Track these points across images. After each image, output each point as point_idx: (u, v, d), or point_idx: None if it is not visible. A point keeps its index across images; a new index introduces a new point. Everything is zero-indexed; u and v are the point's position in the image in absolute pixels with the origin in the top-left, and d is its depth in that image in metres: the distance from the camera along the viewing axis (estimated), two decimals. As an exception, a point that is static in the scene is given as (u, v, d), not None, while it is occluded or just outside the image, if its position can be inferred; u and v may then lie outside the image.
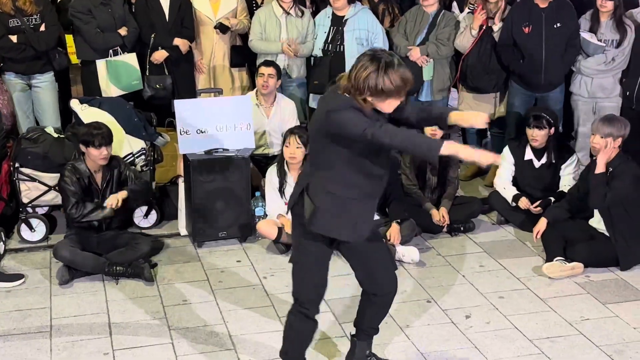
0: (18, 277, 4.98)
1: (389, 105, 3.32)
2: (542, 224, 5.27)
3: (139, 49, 6.46)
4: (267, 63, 6.09)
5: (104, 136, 5.04)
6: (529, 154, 5.76)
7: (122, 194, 5.11)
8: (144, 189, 5.35)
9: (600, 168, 5.03)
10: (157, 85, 6.43)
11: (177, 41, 6.46)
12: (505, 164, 5.85)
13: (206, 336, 4.34)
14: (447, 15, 6.54)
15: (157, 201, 5.89)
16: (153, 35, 6.43)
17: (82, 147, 5.09)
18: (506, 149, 5.89)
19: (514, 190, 5.76)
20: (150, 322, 4.50)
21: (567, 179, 5.73)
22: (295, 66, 6.49)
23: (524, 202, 5.66)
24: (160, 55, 6.45)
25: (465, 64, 6.43)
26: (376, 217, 5.47)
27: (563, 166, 5.74)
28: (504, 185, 5.81)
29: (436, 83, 6.58)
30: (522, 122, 6.40)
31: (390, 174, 5.56)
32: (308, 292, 3.63)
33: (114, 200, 5.06)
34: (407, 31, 6.52)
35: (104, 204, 5.07)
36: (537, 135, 5.65)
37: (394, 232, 5.25)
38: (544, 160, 5.74)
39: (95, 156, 5.05)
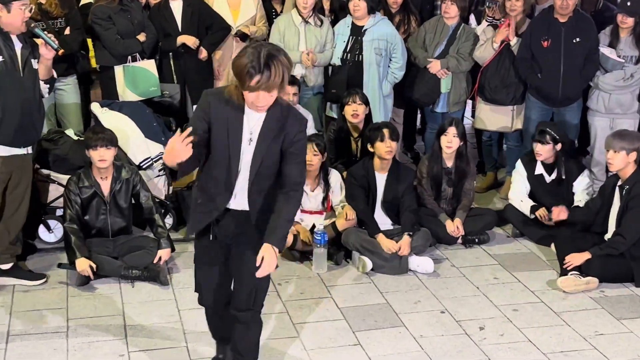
0: (40, 276, 5.01)
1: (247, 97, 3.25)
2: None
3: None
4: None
5: (103, 138, 5.05)
6: (539, 169, 5.76)
7: (167, 253, 5.14)
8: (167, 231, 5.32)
9: None
10: (164, 93, 6.45)
11: (183, 38, 6.41)
12: (518, 177, 5.86)
13: (221, 341, 4.37)
14: (467, 29, 6.58)
15: (174, 206, 5.92)
16: (160, 44, 6.47)
17: (87, 152, 5.13)
18: (519, 163, 5.90)
19: (530, 202, 5.76)
20: (165, 325, 4.53)
21: (581, 195, 5.73)
22: (312, 75, 6.52)
23: (541, 212, 5.65)
24: (186, 40, 6.41)
25: (483, 76, 6.45)
26: (390, 226, 5.51)
27: (575, 182, 5.74)
28: (520, 197, 5.81)
29: (453, 96, 6.62)
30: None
31: (405, 184, 5.59)
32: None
33: (164, 257, 5.10)
34: (426, 42, 6.55)
35: (156, 257, 5.07)
36: (541, 150, 5.66)
37: (404, 244, 5.27)
38: (554, 175, 5.74)
39: (94, 158, 5.07)
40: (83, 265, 4.90)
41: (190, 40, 6.43)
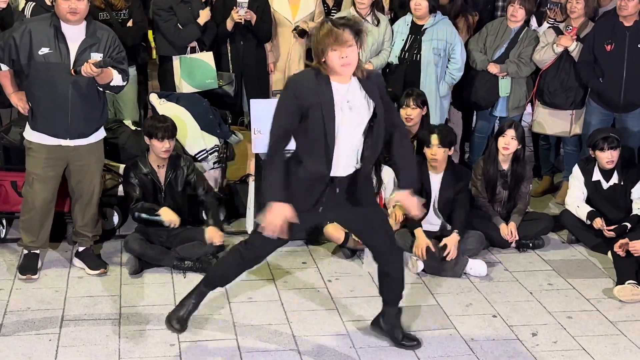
0: (101, 265, 5.05)
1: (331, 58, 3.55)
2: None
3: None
4: None
5: (167, 129, 5.11)
6: (596, 175, 5.65)
7: (219, 236, 5.13)
8: (219, 208, 5.40)
9: None
10: (219, 81, 6.46)
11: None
12: (576, 182, 5.75)
13: (270, 335, 4.37)
14: (529, 33, 6.45)
15: (226, 199, 5.96)
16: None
17: (147, 140, 5.18)
18: (576, 168, 5.79)
19: (588, 208, 5.65)
20: (215, 317, 4.55)
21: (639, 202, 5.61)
22: (370, 73, 6.48)
23: (598, 223, 5.55)
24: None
25: (542, 80, 6.34)
26: (438, 228, 5.45)
27: (633, 189, 5.61)
28: (577, 203, 5.70)
29: (512, 101, 6.51)
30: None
31: (461, 185, 5.53)
32: None
33: (217, 238, 5.10)
34: (486, 44, 6.45)
35: (206, 239, 5.11)
36: (614, 156, 5.53)
37: (451, 242, 5.19)
38: (612, 181, 5.62)
39: (158, 148, 5.13)
40: (168, 214, 5.04)
41: (253, 17, 6.37)
